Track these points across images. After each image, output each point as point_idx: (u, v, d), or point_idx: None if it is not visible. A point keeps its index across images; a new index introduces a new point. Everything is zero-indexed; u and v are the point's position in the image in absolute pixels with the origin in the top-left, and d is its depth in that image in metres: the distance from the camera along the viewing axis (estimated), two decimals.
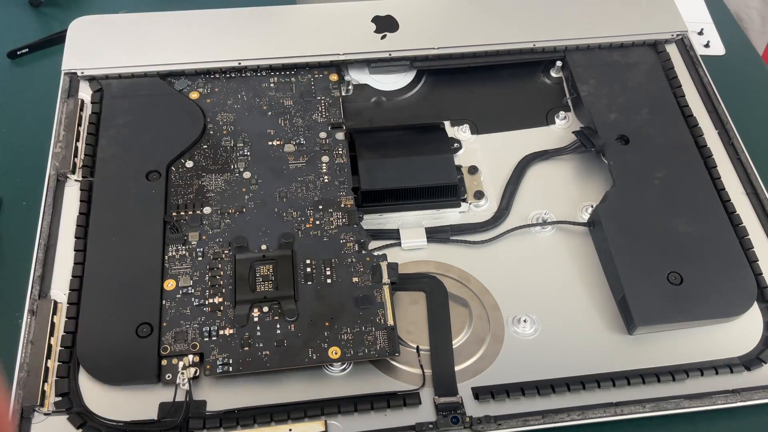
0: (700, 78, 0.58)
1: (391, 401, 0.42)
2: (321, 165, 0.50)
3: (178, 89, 0.54)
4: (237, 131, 0.52)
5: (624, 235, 0.47)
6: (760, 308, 0.47)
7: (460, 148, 0.55)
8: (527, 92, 0.59)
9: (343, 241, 0.47)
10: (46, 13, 0.66)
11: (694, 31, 0.66)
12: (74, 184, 0.50)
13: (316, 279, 0.45)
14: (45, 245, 0.47)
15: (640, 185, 0.50)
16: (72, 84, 0.54)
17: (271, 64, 0.55)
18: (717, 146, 0.54)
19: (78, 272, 0.45)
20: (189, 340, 0.43)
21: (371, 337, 0.43)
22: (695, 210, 0.49)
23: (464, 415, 0.42)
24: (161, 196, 0.48)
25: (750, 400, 0.44)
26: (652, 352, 0.45)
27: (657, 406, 0.43)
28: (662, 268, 0.46)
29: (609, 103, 0.54)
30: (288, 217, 0.48)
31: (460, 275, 0.48)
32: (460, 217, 0.51)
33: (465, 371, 0.44)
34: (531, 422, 0.42)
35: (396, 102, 0.58)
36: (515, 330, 0.46)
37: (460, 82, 0.59)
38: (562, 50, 0.58)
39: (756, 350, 0.46)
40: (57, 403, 0.42)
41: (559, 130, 0.56)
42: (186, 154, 0.51)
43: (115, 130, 0.52)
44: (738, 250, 0.47)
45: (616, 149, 0.52)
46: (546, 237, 0.51)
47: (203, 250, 0.46)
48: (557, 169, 0.54)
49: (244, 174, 0.50)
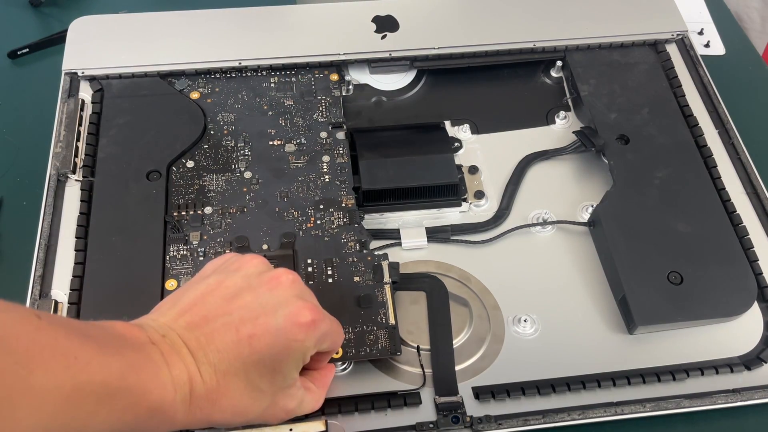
0: (700, 78, 0.58)
1: (391, 401, 0.42)
2: (322, 165, 0.50)
3: (178, 89, 0.54)
4: (238, 131, 0.52)
5: (624, 235, 0.47)
6: (760, 308, 0.47)
7: (461, 147, 0.55)
8: (527, 92, 0.59)
9: (344, 240, 0.47)
10: (46, 13, 0.66)
11: (694, 31, 0.66)
12: (75, 184, 0.50)
13: (318, 278, 0.45)
14: (45, 245, 0.47)
15: (640, 185, 0.50)
16: (72, 84, 0.54)
17: (272, 64, 0.55)
18: (717, 146, 0.54)
19: (79, 272, 0.45)
20: None
21: (373, 336, 0.43)
22: (695, 210, 0.49)
23: (465, 414, 0.42)
24: (162, 196, 0.48)
25: (750, 399, 0.44)
26: (652, 351, 0.45)
27: (657, 406, 0.43)
28: (662, 268, 0.46)
29: (609, 103, 0.55)
30: (289, 216, 0.48)
31: (461, 275, 0.48)
32: (460, 217, 0.51)
33: (465, 371, 0.44)
34: (531, 422, 0.42)
35: (396, 102, 0.58)
36: (515, 330, 0.46)
37: (460, 82, 0.59)
38: (562, 50, 0.58)
39: (756, 350, 0.46)
40: None
41: (559, 130, 0.56)
42: (187, 154, 0.51)
43: (115, 130, 0.52)
44: (738, 250, 0.48)
45: (616, 149, 0.52)
46: (546, 237, 0.51)
47: (204, 250, 0.46)
48: (557, 169, 0.54)
49: (245, 174, 0.50)
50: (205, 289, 0.35)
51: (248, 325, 0.33)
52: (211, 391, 0.32)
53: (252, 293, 0.35)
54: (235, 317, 0.34)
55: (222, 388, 0.33)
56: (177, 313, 0.34)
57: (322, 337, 0.36)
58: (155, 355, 0.31)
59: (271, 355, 0.33)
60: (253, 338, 0.33)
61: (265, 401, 0.35)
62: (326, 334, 0.36)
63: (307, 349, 0.35)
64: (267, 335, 0.33)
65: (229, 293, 0.35)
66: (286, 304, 0.34)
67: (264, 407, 0.35)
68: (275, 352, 0.33)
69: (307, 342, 0.34)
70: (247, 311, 0.34)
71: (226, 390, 0.33)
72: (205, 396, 0.32)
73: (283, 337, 0.34)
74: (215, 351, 0.33)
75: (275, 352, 0.33)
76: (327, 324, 0.36)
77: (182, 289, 0.36)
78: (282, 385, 0.35)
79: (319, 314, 0.35)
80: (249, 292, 0.35)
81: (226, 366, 0.33)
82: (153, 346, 0.32)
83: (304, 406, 0.38)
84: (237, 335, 0.33)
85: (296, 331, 0.34)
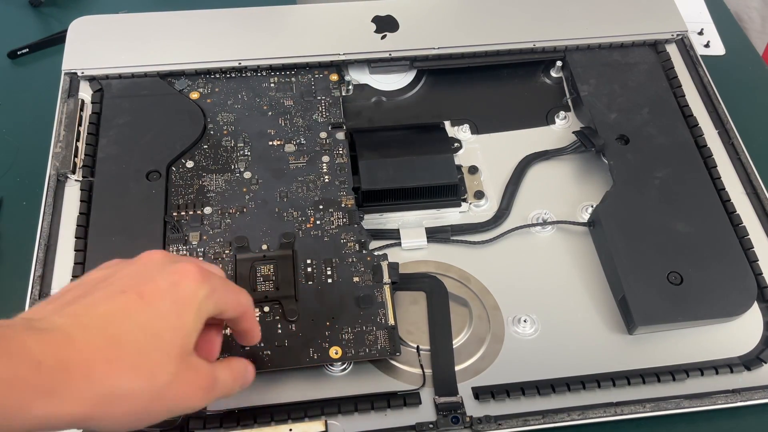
0: (700, 78, 0.58)
1: (391, 401, 0.42)
2: (321, 165, 0.50)
3: (178, 89, 0.54)
4: (237, 131, 0.52)
5: (624, 235, 0.47)
6: (760, 308, 0.47)
7: (461, 148, 0.55)
8: (527, 92, 0.59)
9: (344, 240, 0.47)
10: (46, 13, 0.66)
11: (694, 31, 0.66)
12: (74, 184, 0.50)
13: (317, 279, 0.45)
14: (45, 245, 0.47)
15: (640, 185, 0.50)
16: (72, 84, 0.54)
17: (272, 64, 0.55)
18: (717, 146, 0.54)
19: (78, 272, 0.45)
20: None
21: (372, 336, 0.43)
22: (695, 210, 0.49)
23: (464, 414, 0.42)
24: (161, 196, 0.48)
25: (750, 400, 0.44)
26: (652, 352, 0.45)
27: (657, 406, 0.43)
28: (662, 268, 0.46)
29: (609, 103, 0.54)
30: (288, 217, 0.48)
31: (461, 275, 0.48)
32: (460, 217, 0.51)
33: (465, 371, 0.44)
34: (531, 422, 0.42)
35: (396, 102, 0.58)
36: (515, 330, 0.46)
37: (460, 82, 0.59)
38: (562, 50, 0.58)
39: (756, 350, 0.46)
40: None
41: (559, 130, 0.56)
42: (186, 154, 0.51)
43: (115, 130, 0.52)
44: (738, 250, 0.48)
45: (616, 149, 0.52)
46: (546, 237, 0.51)
47: (204, 250, 0.46)
48: (557, 169, 0.54)
49: (245, 174, 0.50)
50: (83, 280, 0.32)
51: (134, 288, 0.30)
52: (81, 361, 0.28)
53: (135, 266, 0.32)
54: (116, 286, 0.31)
55: (102, 356, 0.28)
56: (48, 303, 0.31)
57: (217, 295, 0.32)
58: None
59: (162, 314, 0.30)
60: (144, 296, 0.30)
61: (163, 376, 0.30)
62: (222, 291, 0.33)
63: (201, 303, 0.31)
64: (157, 292, 0.30)
65: (112, 277, 0.32)
66: (171, 266, 0.32)
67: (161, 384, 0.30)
68: (166, 310, 0.30)
69: (199, 293, 0.31)
70: (130, 279, 0.31)
71: (107, 358, 0.28)
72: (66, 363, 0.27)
73: (173, 292, 0.31)
74: (98, 316, 0.29)
75: (166, 310, 0.30)
76: (220, 280, 0.33)
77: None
78: (180, 352, 0.30)
79: (209, 271, 0.33)
80: (133, 267, 0.32)
81: (105, 329, 0.29)
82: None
83: (219, 387, 0.33)
84: (124, 297, 0.30)
85: (186, 282, 0.31)
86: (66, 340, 0.28)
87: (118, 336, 0.29)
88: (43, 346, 0.27)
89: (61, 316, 0.29)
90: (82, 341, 0.28)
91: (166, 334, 0.30)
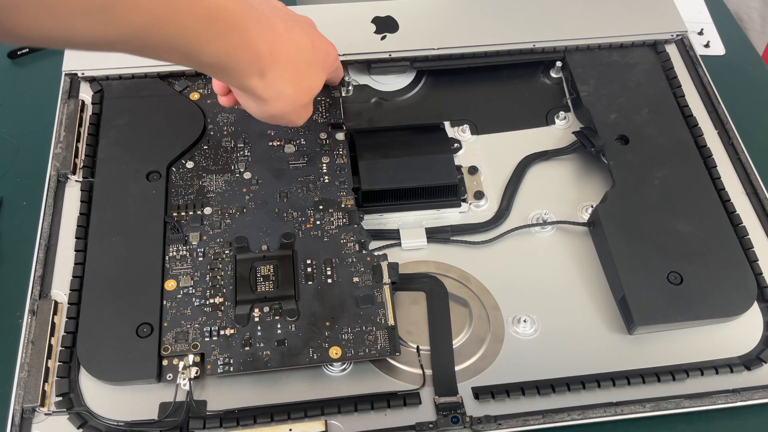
0: (700, 78, 0.58)
1: (391, 401, 0.42)
2: (321, 165, 0.50)
3: (178, 90, 0.54)
4: (237, 132, 0.52)
5: (624, 235, 0.47)
6: (760, 308, 0.47)
7: (460, 148, 0.55)
8: (527, 92, 0.59)
9: (344, 241, 0.47)
10: None
11: (694, 31, 0.66)
12: (75, 185, 0.50)
13: (317, 279, 0.45)
14: (45, 245, 0.47)
15: (640, 185, 0.50)
16: (72, 85, 0.55)
17: None
18: (717, 146, 0.54)
19: (78, 272, 0.45)
20: (190, 340, 0.43)
21: (372, 336, 0.43)
22: (695, 210, 0.49)
23: (464, 414, 0.42)
24: (161, 197, 0.48)
25: (750, 399, 0.44)
26: (652, 352, 0.45)
27: (657, 406, 0.43)
28: (662, 268, 0.46)
29: (609, 103, 0.55)
30: (288, 217, 0.48)
31: (461, 275, 0.48)
32: (460, 218, 0.51)
33: (465, 371, 0.44)
34: (531, 422, 0.42)
35: (396, 102, 0.58)
36: (515, 330, 0.46)
37: (460, 83, 0.59)
38: (562, 50, 0.58)
39: (756, 350, 0.46)
40: (57, 403, 0.42)
41: (559, 131, 0.56)
42: (186, 155, 0.51)
43: (115, 131, 0.52)
44: (738, 250, 0.48)
45: (616, 149, 0.52)
46: (546, 237, 0.51)
47: (204, 250, 0.46)
48: (557, 169, 0.54)
49: (245, 174, 0.50)
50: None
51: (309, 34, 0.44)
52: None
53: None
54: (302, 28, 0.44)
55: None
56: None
57: (338, 63, 0.50)
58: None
59: (323, 60, 0.45)
60: (316, 40, 0.45)
61: (307, 82, 0.44)
62: (338, 63, 0.50)
63: (327, 55, 0.47)
64: (319, 40, 0.46)
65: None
66: (327, 43, 0.47)
67: (305, 87, 0.44)
68: (323, 60, 0.45)
69: (331, 52, 0.47)
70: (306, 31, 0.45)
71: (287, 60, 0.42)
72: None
73: (327, 53, 0.46)
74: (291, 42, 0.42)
75: (323, 60, 0.45)
76: (338, 58, 0.49)
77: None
78: (324, 75, 0.46)
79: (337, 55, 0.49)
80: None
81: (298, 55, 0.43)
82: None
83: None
84: (305, 34, 0.43)
85: (333, 52, 0.48)
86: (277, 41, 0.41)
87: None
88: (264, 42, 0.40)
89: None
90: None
91: (322, 73, 0.46)
